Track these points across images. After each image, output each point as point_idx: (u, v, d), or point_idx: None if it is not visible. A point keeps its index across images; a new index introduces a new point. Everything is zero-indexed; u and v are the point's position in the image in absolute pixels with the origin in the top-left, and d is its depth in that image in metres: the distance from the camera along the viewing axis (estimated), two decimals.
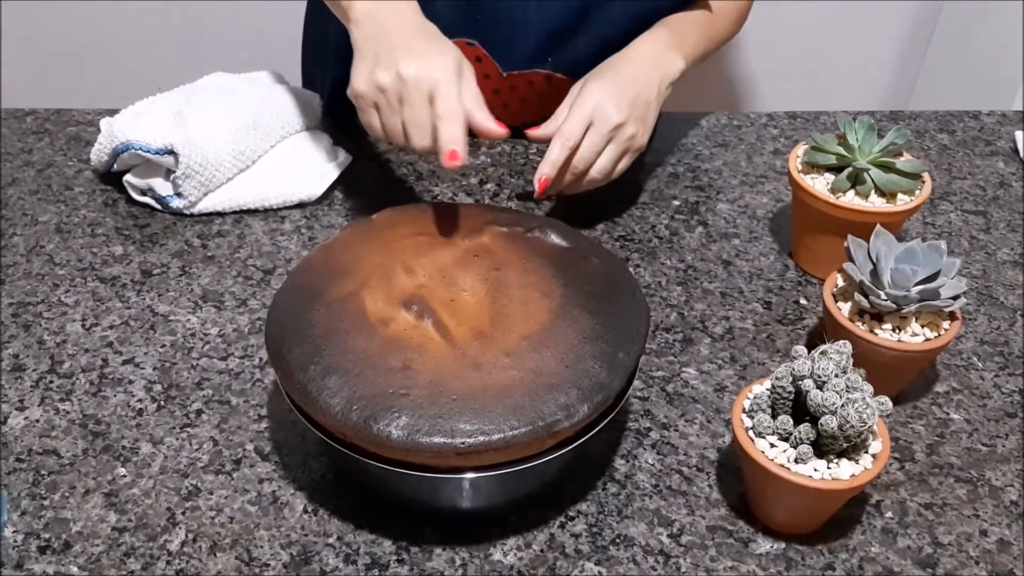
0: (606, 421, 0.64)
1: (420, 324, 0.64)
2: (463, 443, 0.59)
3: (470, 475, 0.61)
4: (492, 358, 0.62)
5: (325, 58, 1.10)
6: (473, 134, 0.77)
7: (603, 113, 0.83)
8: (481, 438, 0.59)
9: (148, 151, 0.89)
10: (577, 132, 0.83)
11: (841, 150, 0.84)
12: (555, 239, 0.73)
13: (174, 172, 0.89)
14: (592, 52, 0.92)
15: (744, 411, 0.65)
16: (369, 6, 0.79)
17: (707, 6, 0.95)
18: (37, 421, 0.72)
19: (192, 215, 0.92)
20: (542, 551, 0.65)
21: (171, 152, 0.88)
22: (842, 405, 0.60)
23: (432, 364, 0.62)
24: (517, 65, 1.00)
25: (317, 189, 0.94)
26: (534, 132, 0.86)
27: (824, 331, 0.77)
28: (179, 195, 0.90)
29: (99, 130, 0.94)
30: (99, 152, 0.93)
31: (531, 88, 1.02)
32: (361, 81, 0.77)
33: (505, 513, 0.67)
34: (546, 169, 0.84)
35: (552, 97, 0.95)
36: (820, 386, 0.62)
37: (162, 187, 0.91)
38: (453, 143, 0.74)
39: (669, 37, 0.91)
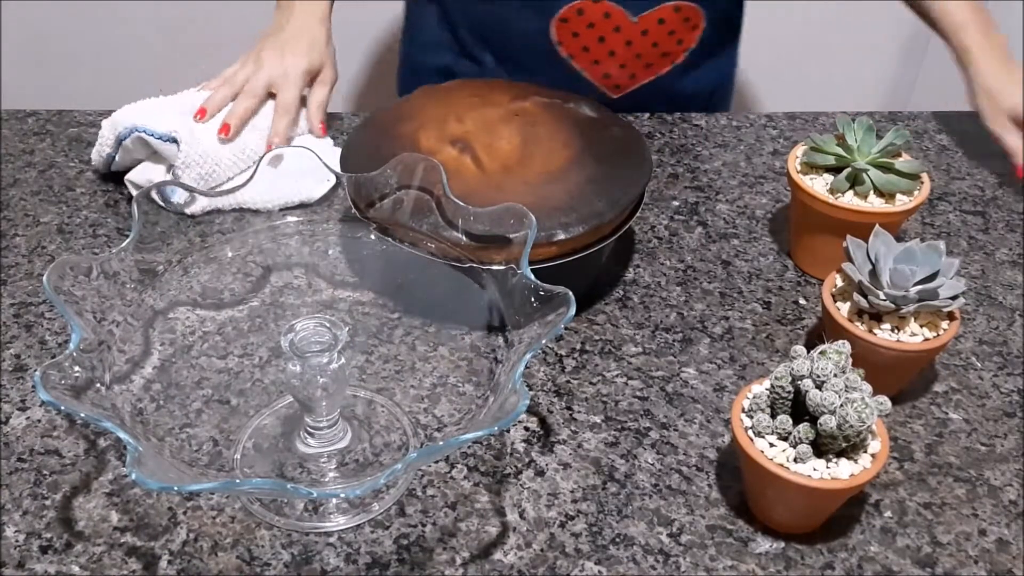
0: (603, 245, 0.78)
1: (460, 157, 0.80)
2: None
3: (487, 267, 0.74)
4: (512, 185, 0.78)
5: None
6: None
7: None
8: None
9: (153, 135, 0.89)
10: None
11: (840, 151, 0.84)
12: (587, 111, 0.88)
13: (174, 165, 0.89)
14: None
15: (743, 411, 0.66)
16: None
17: None
18: (39, 421, 0.72)
19: (193, 216, 0.92)
20: (542, 550, 0.65)
21: (174, 140, 0.89)
22: (841, 405, 0.60)
23: (463, 183, 0.77)
24: (646, 6, 1.04)
25: (317, 190, 0.94)
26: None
27: (823, 331, 0.77)
28: (181, 186, 0.90)
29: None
30: (101, 144, 0.93)
31: (660, 27, 1.06)
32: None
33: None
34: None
35: (681, 30, 1.06)
36: (819, 386, 0.62)
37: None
38: (276, 134, 0.94)
39: None
